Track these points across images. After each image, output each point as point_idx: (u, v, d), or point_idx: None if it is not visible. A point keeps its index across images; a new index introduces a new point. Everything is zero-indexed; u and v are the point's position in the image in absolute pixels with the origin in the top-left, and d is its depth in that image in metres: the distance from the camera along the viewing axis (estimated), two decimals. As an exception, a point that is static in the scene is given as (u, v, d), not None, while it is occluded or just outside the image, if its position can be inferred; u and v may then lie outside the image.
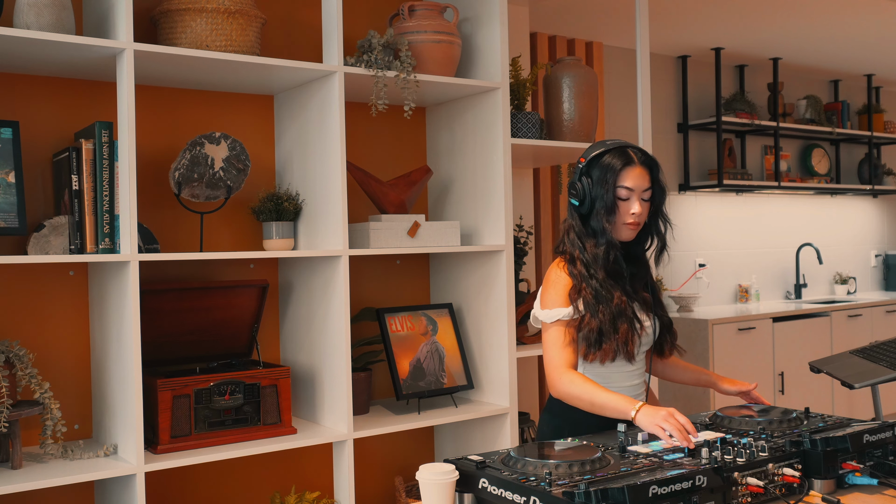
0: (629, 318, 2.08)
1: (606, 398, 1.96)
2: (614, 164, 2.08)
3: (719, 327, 4.91)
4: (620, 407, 1.93)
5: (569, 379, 2.02)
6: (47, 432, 2.29)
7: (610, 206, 2.08)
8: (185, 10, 2.46)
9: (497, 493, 1.52)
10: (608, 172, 2.07)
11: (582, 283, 2.07)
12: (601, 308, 2.05)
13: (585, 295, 2.06)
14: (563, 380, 2.03)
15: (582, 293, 2.06)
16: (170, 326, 2.55)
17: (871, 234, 6.90)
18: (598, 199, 2.08)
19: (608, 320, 2.04)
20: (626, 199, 2.08)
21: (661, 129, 5.49)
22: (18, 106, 2.49)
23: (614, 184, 2.07)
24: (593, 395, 1.98)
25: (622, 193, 2.08)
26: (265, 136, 2.93)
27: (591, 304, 2.05)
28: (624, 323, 2.06)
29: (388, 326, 2.90)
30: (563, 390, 2.03)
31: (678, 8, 4.45)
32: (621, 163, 2.08)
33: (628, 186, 2.07)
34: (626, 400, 1.93)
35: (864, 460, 1.70)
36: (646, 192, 2.10)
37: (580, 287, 2.07)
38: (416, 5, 2.90)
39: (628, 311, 2.08)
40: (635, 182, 2.08)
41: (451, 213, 3.17)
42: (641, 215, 2.10)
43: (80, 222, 2.32)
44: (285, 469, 2.93)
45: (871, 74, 6.45)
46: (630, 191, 2.08)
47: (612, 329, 2.05)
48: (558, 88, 3.26)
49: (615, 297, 2.06)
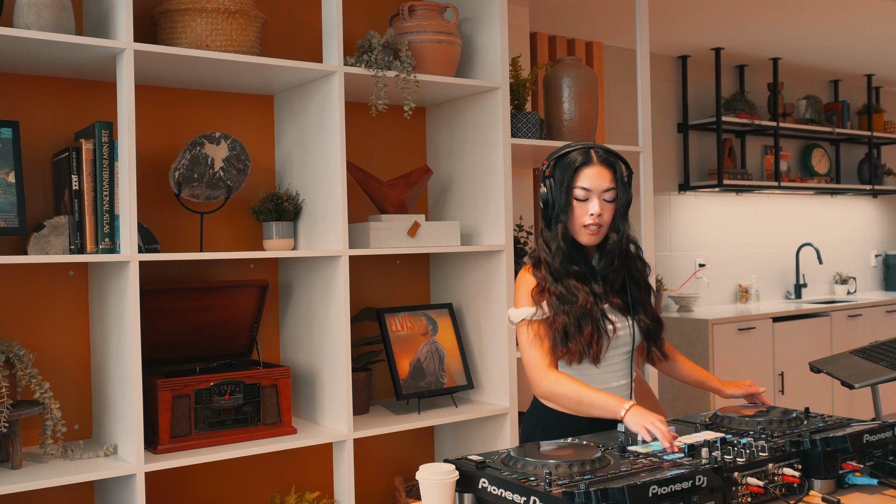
0: (595, 319, 2.02)
1: (595, 397, 1.92)
2: (572, 163, 2.03)
3: (719, 327, 4.91)
4: (609, 406, 1.89)
5: (554, 378, 1.98)
6: (47, 432, 2.29)
7: (563, 207, 2.03)
8: (185, 10, 2.46)
9: (497, 493, 1.52)
10: (566, 172, 2.03)
11: (546, 284, 2.04)
12: (565, 308, 2.01)
13: (549, 296, 2.03)
14: (547, 379, 1.98)
15: (545, 294, 2.04)
16: (170, 326, 2.55)
17: (871, 234, 6.90)
18: (557, 200, 2.04)
19: (573, 321, 2.01)
20: (585, 199, 2.03)
21: (661, 129, 5.49)
22: (18, 106, 2.49)
23: (570, 184, 2.03)
24: (581, 393, 1.93)
25: (579, 194, 2.02)
26: (265, 136, 2.93)
27: (554, 304, 2.02)
28: (588, 324, 2.01)
29: (388, 326, 2.90)
30: (547, 389, 1.98)
31: (678, 8, 4.45)
32: (579, 161, 2.03)
33: (585, 186, 2.02)
34: (616, 399, 1.90)
35: (864, 460, 1.70)
36: (607, 192, 2.03)
37: (543, 287, 2.04)
38: (416, 5, 2.90)
39: (594, 312, 2.02)
40: (593, 182, 2.02)
41: (451, 213, 3.17)
42: (601, 217, 2.03)
43: (80, 222, 2.32)
44: (285, 469, 2.94)
45: (871, 74, 6.45)
46: (588, 191, 2.02)
47: (577, 330, 2.01)
48: (558, 88, 3.26)
49: (580, 298, 2.02)
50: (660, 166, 5.41)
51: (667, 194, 5.53)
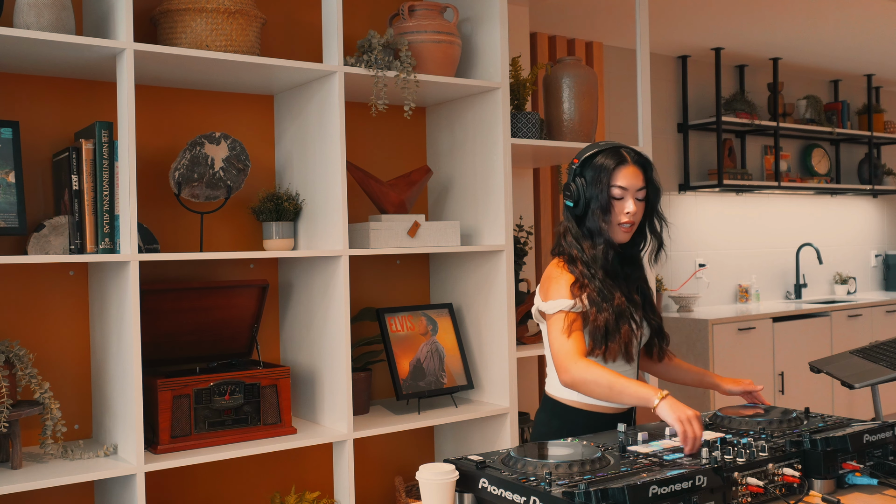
0: (629, 318, 2.08)
1: (626, 383, 1.90)
2: (608, 164, 2.09)
3: (719, 327, 4.91)
4: (642, 393, 1.87)
5: (584, 364, 1.96)
6: (47, 432, 2.29)
7: (605, 206, 2.08)
8: (185, 10, 2.46)
9: (497, 493, 1.52)
10: (602, 172, 2.08)
11: (584, 280, 2.07)
12: (605, 306, 2.04)
13: (590, 291, 2.05)
14: (578, 365, 1.96)
15: (585, 289, 2.06)
16: (170, 326, 2.55)
17: (871, 234, 6.90)
18: (593, 199, 2.09)
19: (613, 319, 2.05)
20: (621, 198, 2.09)
21: (661, 129, 5.49)
22: (18, 106, 2.49)
23: (608, 183, 2.08)
24: (611, 380, 1.91)
25: (616, 193, 2.08)
26: (265, 136, 2.93)
27: (596, 300, 2.05)
28: (625, 323, 2.06)
29: (388, 326, 2.90)
30: (578, 375, 1.95)
31: (678, 8, 4.46)
32: (615, 162, 2.09)
33: (622, 186, 2.08)
34: (648, 387, 1.89)
35: (864, 460, 1.70)
36: (640, 191, 2.11)
37: (583, 283, 2.07)
38: (416, 5, 2.90)
39: (627, 311, 2.09)
40: (629, 181, 2.08)
41: (451, 213, 3.17)
42: (636, 214, 2.10)
43: (80, 222, 2.32)
44: (285, 469, 2.94)
45: (871, 74, 6.45)
46: (624, 190, 2.08)
47: (616, 328, 2.05)
48: (558, 88, 3.26)
49: (616, 297, 2.07)
50: (660, 166, 5.41)
51: (667, 194, 5.53)
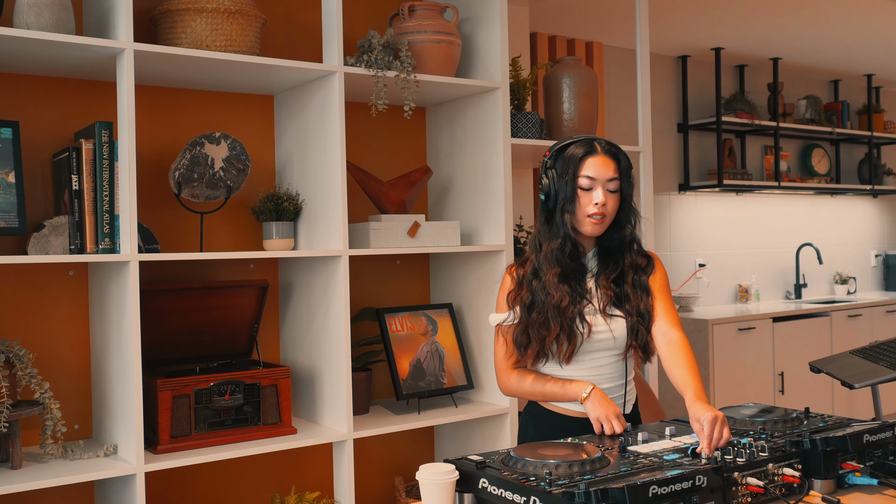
0: (568, 319, 1.99)
1: (555, 388, 2.02)
2: (576, 154, 2.03)
3: (719, 327, 4.91)
4: (570, 392, 1.99)
5: (515, 378, 2.07)
6: (47, 432, 2.29)
7: (570, 196, 2.02)
8: (185, 10, 2.46)
9: (497, 493, 1.52)
10: (570, 162, 2.03)
11: (522, 287, 2.05)
12: (536, 308, 2.02)
13: (524, 298, 2.04)
14: (510, 380, 2.09)
15: (520, 297, 2.05)
16: (170, 326, 2.55)
17: (871, 234, 6.90)
18: (561, 190, 2.03)
19: (540, 320, 2.01)
20: (589, 188, 2.01)
21: (661, 129, 5.49)
22: (18, 106, 2.49)
23: (575, 173, 2.02)
24: (542, 389, 2.03)
25: (584, 183, 2.01)
26: (265, 136, 2.93)
27: (525, 307, 2.04)
28: (557, 324, 1.99)
29: (388, 326, 2.90)
30: (511, 389, 2.09)
31: (678, 8, 4.45)
32: (583, 151, 2.03)
33: (590, 175, 2.01)
34: (576, 384, 1.97)
35: (864, 460, 1.70)
36: (611, 182, 2.02)
37: (518, 291, 2.06)
38: (416, 5, 2.90)
39: (569, 311, 1.99)
40: (597, 171, 2.01)
41: (451, 213, 3.17)
42: (606, 206, 2.01)
43: (80, 222, 2.32)
44: (285, 469, 2.93)
45: (871, 74, 6.45)
46: (592, 180, 2.01)
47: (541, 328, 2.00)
48: (558, 88, 3.26)
49: (555, 296, 1.99)
50: (660, 166, 5.41)
51: (667, 194, 5.53)
